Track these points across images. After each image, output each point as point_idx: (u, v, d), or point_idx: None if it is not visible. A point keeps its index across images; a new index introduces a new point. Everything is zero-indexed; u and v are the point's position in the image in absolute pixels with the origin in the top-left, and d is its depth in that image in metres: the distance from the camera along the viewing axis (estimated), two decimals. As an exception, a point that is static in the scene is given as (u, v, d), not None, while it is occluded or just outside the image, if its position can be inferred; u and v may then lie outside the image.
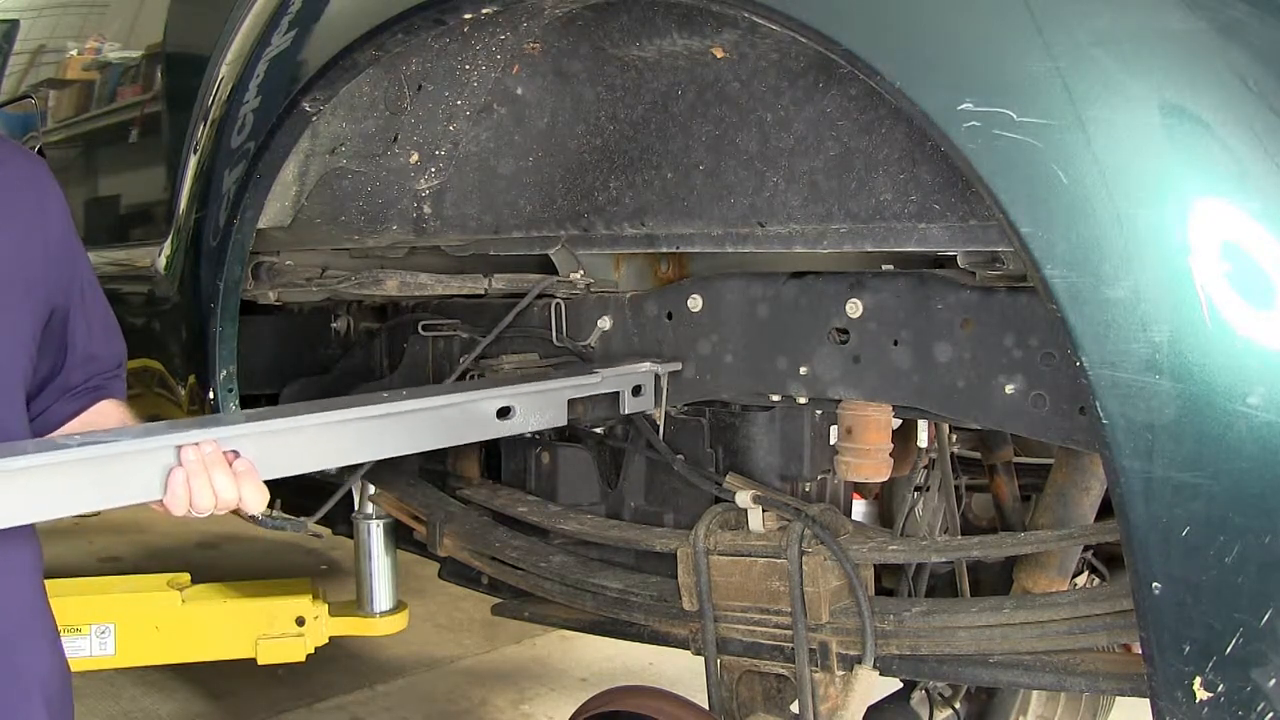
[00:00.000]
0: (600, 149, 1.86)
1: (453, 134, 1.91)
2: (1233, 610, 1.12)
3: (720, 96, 1.68)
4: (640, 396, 1.86)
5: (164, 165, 2.36)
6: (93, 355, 1.69)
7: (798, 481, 1.90)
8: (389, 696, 3.86)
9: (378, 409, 1.56)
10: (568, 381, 1.79)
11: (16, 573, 1.54)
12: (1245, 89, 1.08)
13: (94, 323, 1.70)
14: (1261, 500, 1.09)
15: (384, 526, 2.69)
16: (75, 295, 1.66)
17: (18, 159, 1.66)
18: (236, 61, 2.04)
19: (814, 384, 1.74)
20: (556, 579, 2.02)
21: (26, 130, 3.20)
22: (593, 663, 4.13)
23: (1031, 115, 1.14)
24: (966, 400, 1.58)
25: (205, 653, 2.86)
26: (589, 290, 2.06)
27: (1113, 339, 1.13)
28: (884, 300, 1.66)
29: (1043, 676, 1.58)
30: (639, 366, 1.86)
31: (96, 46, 2.97)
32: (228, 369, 2.06)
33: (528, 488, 2.20)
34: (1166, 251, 1.10)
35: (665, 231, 1.80)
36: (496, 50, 1.80)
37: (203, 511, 1.38)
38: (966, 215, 1.46)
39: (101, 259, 2.57)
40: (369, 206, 2.02)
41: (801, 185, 1.61)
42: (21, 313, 1.55)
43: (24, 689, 1.53)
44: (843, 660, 1.70)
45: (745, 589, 1.77)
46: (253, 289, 2.16)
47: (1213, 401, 1.09)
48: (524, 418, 1.72)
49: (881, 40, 1.25)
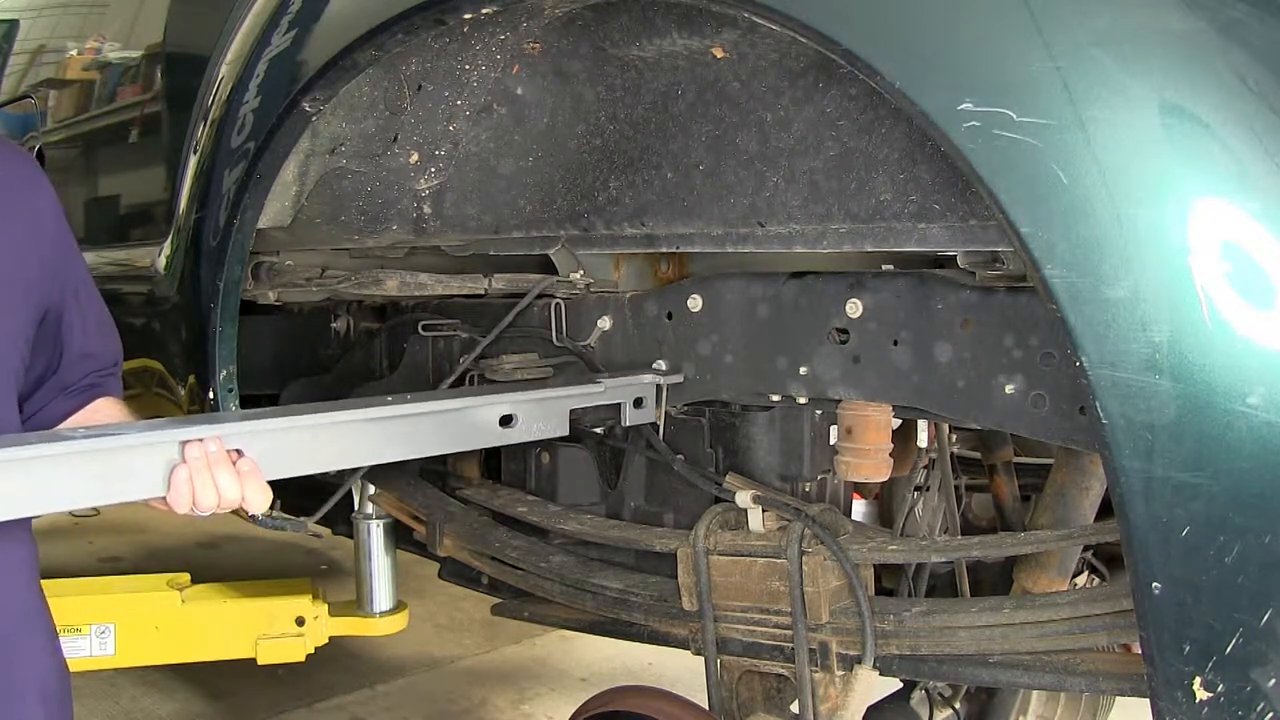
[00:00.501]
0: (600, 149, 1.86)
1: (453, 134, 1.91)
2: (1233, 610, 1.12)
3: (720, 96, 1.68)
4: (642, 408, 1.87)
5: (164, 165, 2.36)
6: (89, 353, 1.69)
7: (798, 481, 1.90)
8: (389, 696, 3.86)
9: (382, 412, 1.56)
10: (570, 391, 1.79)
11: (13, 573, 1.54)
12: (1245, 89, 1.08)
13: (89, 321, 1.70)
14: (1261, 500, 1.09)
15: (384, 526, 2.69)
16: (70, 294, 1.65)
17: (9, 158, 1.65)
18: (236, 61, 2.04)
19: (814, 384, 1.74)
20: (556, 579, 2.02)
21: (26, 130, 3.20)
22: (593, 663, 4.13)
23: (1031, 115, 1.14)
24: (966, 400, 1.59)
25: (205, 653, 2.86)
26: (589, 290, 2.06)
27: (1113, 339, 1.13)
28: (884, 300, 1.66)
29: (1043, 676, 1.58)
30: (641, 377, 1.87)
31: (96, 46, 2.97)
32: (228, 369, 2.06)
33: (528, 488, 2.20)
34: (1166, 251, 1.10)
35: (665, 231, 1.80)
36: (496, 50, 1.80)
37: (205, 510, 1.37)
38: (966, 215, 1.46)
39: (101, 259, 2.57)
40: (369, 206, 2.02)
41: (801, 185, 1.61)
42: (15, 311, 1.55)
43: (20, 690, 1.52)
44: (843, 660, 1.70)
45: (745, 589, 1.77)
46: (253, 289, 2.16)
47: (1213, 401, 1.09)
48: (526, 426, 1.72)
49: (881, 40, 1.25)
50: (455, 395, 1.75)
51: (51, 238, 1.62)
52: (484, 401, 1.69)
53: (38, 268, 1.58)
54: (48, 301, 1.61)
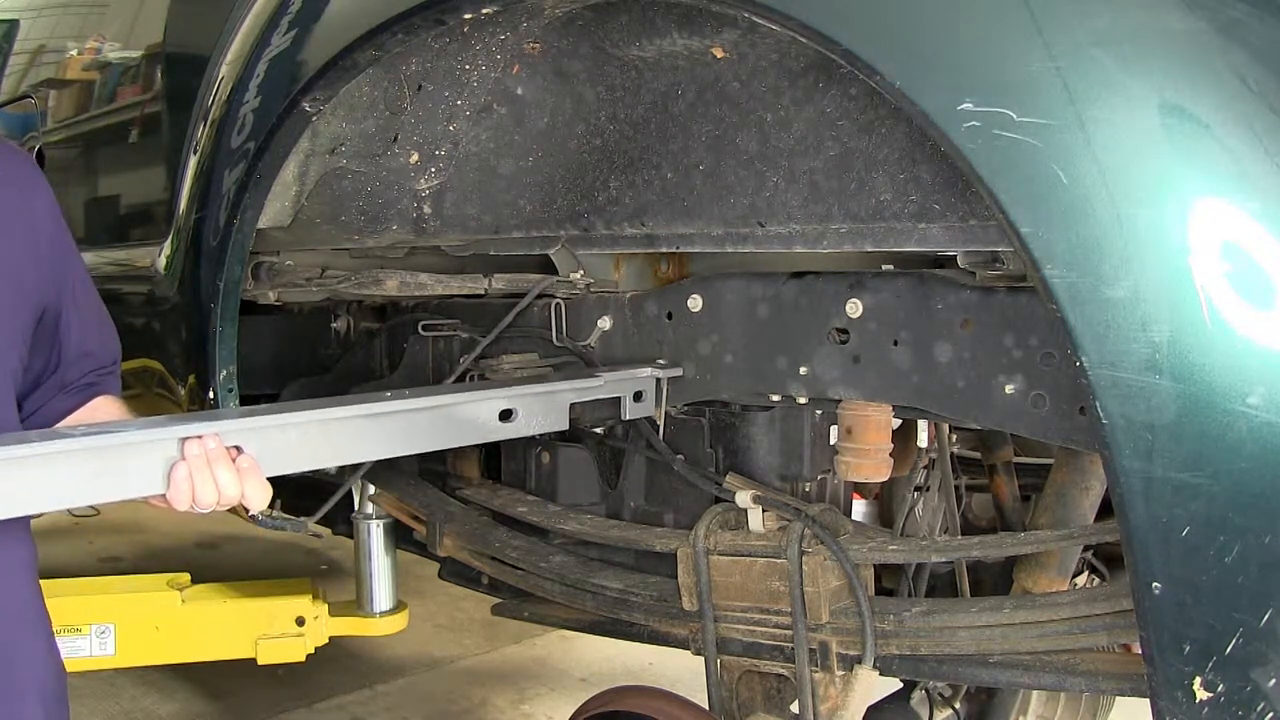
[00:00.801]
0: (600, 149, 1.86)
1: (453, 134, 1.91)
2: (1233, 610, 1.12)
3: (720, 96, 1.68)
4: (641, 402, 1.86)
5: (164, 165, 2.36)
6: (87, 352, 1.69)
7: (798, 481, 1.90)
8: (389, 696, 3.86)
9: (381, 407, 1.56)
10: (570, 385, 1.78)
11: (12, 573, 1.54)
12: (1245, 89, 1.08)
13: (88, 320, 1.70)
14: (1261, 500, 1.09)
15: (384, 526, 2.69)
16: (68, 293, 1.65)
17: (7, 158, 1.65)
18: (236, 61, 2.04)
19: (814, 384, 1.74)
20: (556, 579, 2.02)
21: (26, 130, 3.20)
22: (593, 663, 4.13)
23: (1031, 115, 1.14)
24: (966, 400, 1.58)
25: (205, 653, 2.86)
26: (589, 290, 2.06)
27: (1113, 339, 1.13)
28: (884, 300, 1.66)
29: (1043, 676, 1.58)
30: (640, 371, 1.86)
31: (96, 46, 2.97)
32: (228, 369, 2.06)
33: (528, 488, 2.20)
34: (1166, 251, 1.10)
35: (665, 231, 1.80)
36: (496, 50, 1.80)
37: (205, 507, 1.37)
38: (966, 215, 1.46)
39: (101, 259, 2.57)
40: (369, 206, 2.02)
41: (801, 185, 1.61)
42: (13, 311, 1.55)
43: (20, 690, 1.52)
44: (843, 660, 1.70)
45: (745, 589, 1.77)
46: (253, 289, 2.16)
47: (1213, 401, 1.09)
48: (525, 420, 1.72)
49: (881, 40, 1.25)
50: (454, 390, 1.75)
51: (49, 237, 1.62)
52: (483, 396, 1.69)
53: (35, 268, 1.58)
54: (46, 301, 1.61)
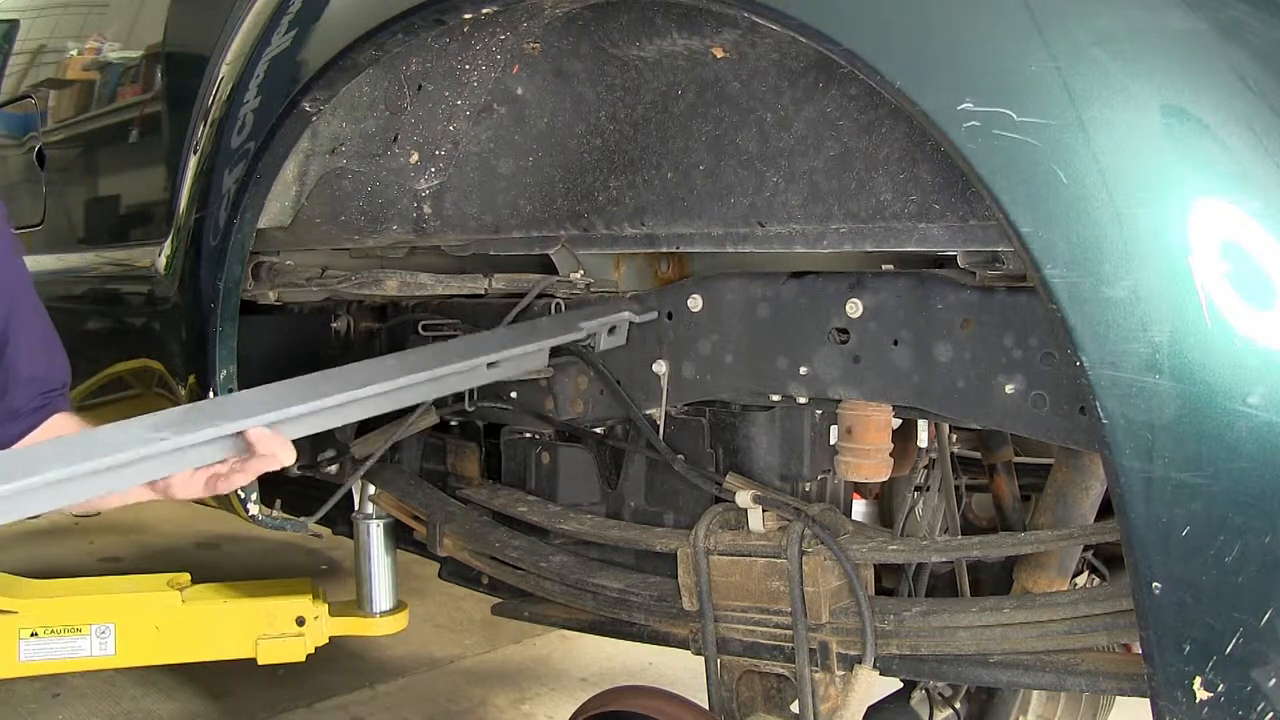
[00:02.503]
0: (600, 149, 1.86)
1: (453, 134, 1.91)
2: (1233, 610, 1.12)
3: (720, 96, 1.68)
4: (614, 335, 1.94)
5: (164, 165, 2.36)
6: (35, 377, 1.68)
7: (798, 481, 1.90)
8: (389, 696, 3.86)
9: (379, 361, 1.70)
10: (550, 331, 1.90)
11: None
12: (1245, 89, 1.08)
13: (34, 344, 1.68)
14: (1261, 500, 1.09)
15: (384, 526, 2.68)
16: (16, 319, 1.64)
17: None
18: (236, 61, 2.04)
19: (814, 384, 1.74)
20: (556, 579, 2.02)
21: (26, 130, 3.20)
22: (593, 663, 4.13)
23: (1031, 115, 1.14)
24: (966, 400, 1.58)
25: (205, 653, 2.85)
26: (589, 290, 2.06)
27: (1113, 339, 1.13)
28: (884, 300, 1.66)
29: (1043, 676, 1.58)
30: (619, 315, 1.94)
31: (96, 46, 2.97)
32: (228, 369, 2.06)
33: (528, 488, 2.20)
34: (1166, 251, 1.10)
35: (665, 231, 1.80)
36: (496, 50, 1.80)
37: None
38: (966, 215, 1.46)
39: (101, 259, 2.58)
40: (369, 206, 2.02)
41: (801, 185, 1.61)
42: None
43: None
44: (843, 660, 1.70)
45: (745, 589, 1.77)
46: (253, 289, 2.16)
47: (1213, 401, 1.09)
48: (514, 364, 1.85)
49: (881, 40, 1.25)
50: (438, 350, 1.83)
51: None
52: (473, 348, 1.81)
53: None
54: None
